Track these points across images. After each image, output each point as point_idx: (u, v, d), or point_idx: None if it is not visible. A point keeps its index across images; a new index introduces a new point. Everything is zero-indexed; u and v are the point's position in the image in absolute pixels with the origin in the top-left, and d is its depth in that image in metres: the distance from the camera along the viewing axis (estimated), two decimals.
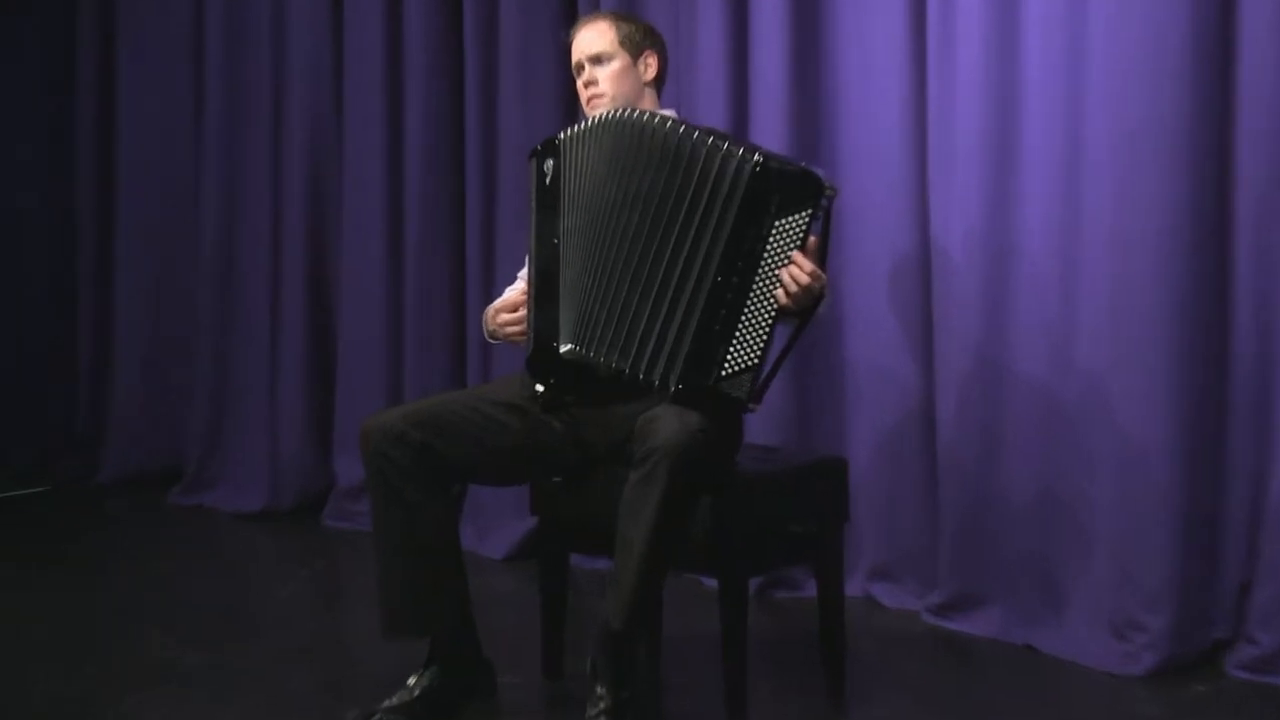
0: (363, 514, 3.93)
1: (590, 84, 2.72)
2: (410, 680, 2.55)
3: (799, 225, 2.37)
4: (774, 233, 2.36)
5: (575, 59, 2.76)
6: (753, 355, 2.37)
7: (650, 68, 2.75)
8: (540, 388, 2.56)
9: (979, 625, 3.11)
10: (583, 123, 2.56)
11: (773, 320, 2.38)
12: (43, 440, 4.96)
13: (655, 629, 2.69)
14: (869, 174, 3.29)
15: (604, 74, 2.71)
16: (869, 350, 3.33)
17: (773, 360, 2.42)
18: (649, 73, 2.75)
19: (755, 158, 2.36)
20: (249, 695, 2.75)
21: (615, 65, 2.71)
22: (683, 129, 2.43)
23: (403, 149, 4.17)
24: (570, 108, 3.72)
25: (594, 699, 2.41)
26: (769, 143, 3.00)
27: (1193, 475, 2.83)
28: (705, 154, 2.40)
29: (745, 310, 2.37)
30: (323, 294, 4.46)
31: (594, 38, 2.73)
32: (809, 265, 2.37)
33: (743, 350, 2.37)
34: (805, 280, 2.36)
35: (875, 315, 3.31)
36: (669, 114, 2.56)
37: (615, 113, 2.52)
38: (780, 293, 2.37)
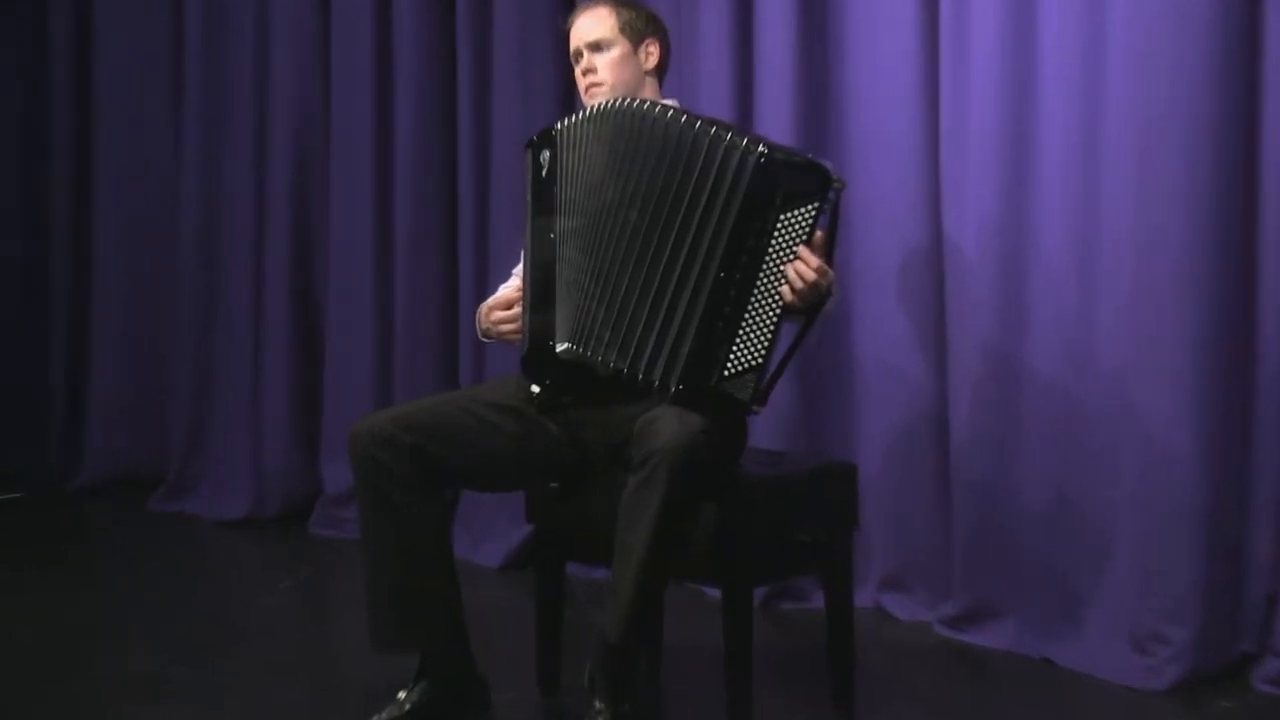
0: (351, 521, 3.92)
1: (588, 72, 2.69)
2: (400, 694, 2.54)
3: (805, 219, 2.33)
4: (779, 227, 2.33)
5: (573, 46, 2.73)
6: (757, 355, 2.34)
7: (651, 56, 2.71)
8: (536, 388, 2.55)
9: (994, 637, 3.08)
10: (581, 112, 2.54)
11: (778, 318, 2.35)
12: (20, 445, 4.91)
13: (656, 639, 2.70)
14: (878, 165, 3.27)
15: (603, 62, 2.67)
16: (878, 349, 3.31)
17: (778, 360, 2.40)
18: (650, 61, 2.71)
19: (759, 149, 2.34)
20: (235, 709, 2.75)
21: (615, 53, 2.67)
22: (684, 119, 2.41)
23: (392, 141, 4.13)
24: (568, 98, 3.70)
25: (592, 713, 2.38)
26: (774, 133, 3.02)
27: (1217, 481, 2.79)
28: (708, 145, 2.38)
29: (749, 308, 2.34)
30: (309, 292, 4.41)
31: (593, 24, 2.70)
32: (815, 261, 2.33)
33: (746, 349, 2.34)
34: (811, 276, 2.32)
35: (885, 312, 3.29)
36: (671, 104, 2.53)
37: (614, 102, 2.50)
38: (785, 289, 2.33)
